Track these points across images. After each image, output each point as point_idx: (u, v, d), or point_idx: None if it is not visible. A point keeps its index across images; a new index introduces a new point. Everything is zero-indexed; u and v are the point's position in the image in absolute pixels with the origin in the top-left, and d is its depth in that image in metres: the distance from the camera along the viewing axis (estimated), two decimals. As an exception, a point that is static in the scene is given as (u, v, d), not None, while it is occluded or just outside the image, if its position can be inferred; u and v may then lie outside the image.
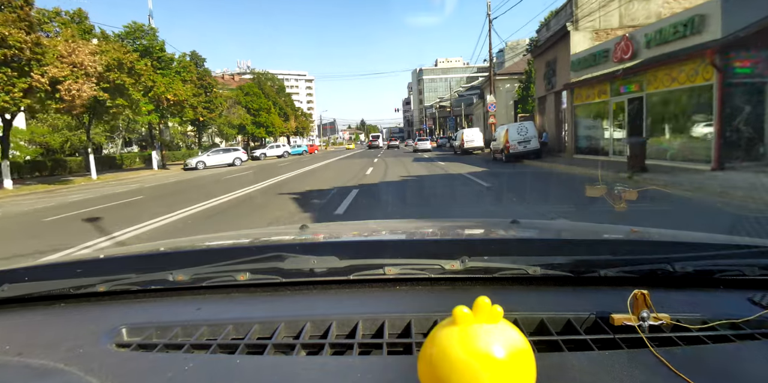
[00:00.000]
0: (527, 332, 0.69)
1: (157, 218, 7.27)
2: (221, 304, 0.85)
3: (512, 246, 1.04)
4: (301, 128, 59.35)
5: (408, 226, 1.76)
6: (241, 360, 0.62)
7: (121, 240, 5.87)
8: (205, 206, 8.63)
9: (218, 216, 7.55)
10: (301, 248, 0.97)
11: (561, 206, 6.68)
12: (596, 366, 0.58)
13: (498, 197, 8.60)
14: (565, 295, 0.82)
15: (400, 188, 10.84)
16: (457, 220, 2.27)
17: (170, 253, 1.18)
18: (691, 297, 0.80)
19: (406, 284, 0.88)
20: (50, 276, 0.91)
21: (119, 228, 6.57)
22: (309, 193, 10.15)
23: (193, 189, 13.46)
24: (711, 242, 1.06)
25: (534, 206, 7.03)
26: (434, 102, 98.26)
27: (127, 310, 0.85)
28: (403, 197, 9.27)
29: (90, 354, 0.66)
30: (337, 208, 7.53)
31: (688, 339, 0.65)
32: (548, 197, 8.04)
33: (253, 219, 7.28)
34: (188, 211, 8.05)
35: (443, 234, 1.43)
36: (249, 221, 7.10)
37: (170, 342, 0.70)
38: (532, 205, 7.11)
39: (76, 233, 6.63)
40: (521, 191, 9.13)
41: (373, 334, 0.71)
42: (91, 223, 7.61)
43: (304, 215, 7.16)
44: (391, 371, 0.59)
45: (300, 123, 59.28)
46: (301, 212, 7.43)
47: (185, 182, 17.19)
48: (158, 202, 10.30)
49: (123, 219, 7.43)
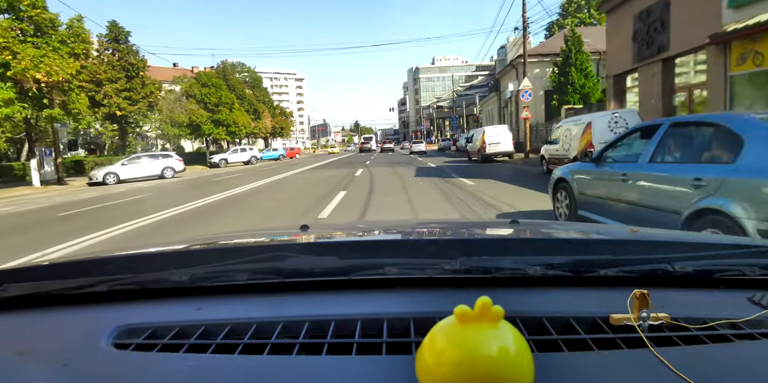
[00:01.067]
0: (527, 332, 0.68)
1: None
2: (221, 304, 0.84)
3: (512, 246, 1.03)
4: (279, 129, 50.91)
5: (408, 226, 1.79)
6: (240, 360, 0.62)
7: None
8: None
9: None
10: (301, 248, 0.98)
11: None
12: (596, 366, 0.57)
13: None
14: (565, 295, 0.82)
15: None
16: (456, 220, 2.41)
17: (170, 253, 1.15)
18: (691, 296, 0.80)
19: (405, 285, 0.87)
20: (50, 276, 0.90)
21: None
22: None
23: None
24: (711, 242, 1.07)
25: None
26: (432, 102, 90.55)
27: (127, 310, 0.83)
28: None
29: (90, 354, 0.66)
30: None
31: (688, 339, 0.65)
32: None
33: None
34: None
35: (443, 234, 1.41)
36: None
37: (170, 342, 0.69)
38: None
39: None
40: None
41: (372, 334, 0.71)
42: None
43: None
44: (390, 371, 0.58)
45: (279, 123, 50.94)
46: None
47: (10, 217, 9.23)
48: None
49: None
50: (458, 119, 63.83)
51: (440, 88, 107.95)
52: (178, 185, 16.06)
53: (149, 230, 6.55)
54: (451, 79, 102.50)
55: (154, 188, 15.27)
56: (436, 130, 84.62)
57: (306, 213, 7.34)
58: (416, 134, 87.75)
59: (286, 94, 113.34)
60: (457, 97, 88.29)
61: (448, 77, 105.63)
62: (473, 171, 14.11)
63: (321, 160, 31.92)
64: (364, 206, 7.93)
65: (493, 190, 9.00)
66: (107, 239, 6.06)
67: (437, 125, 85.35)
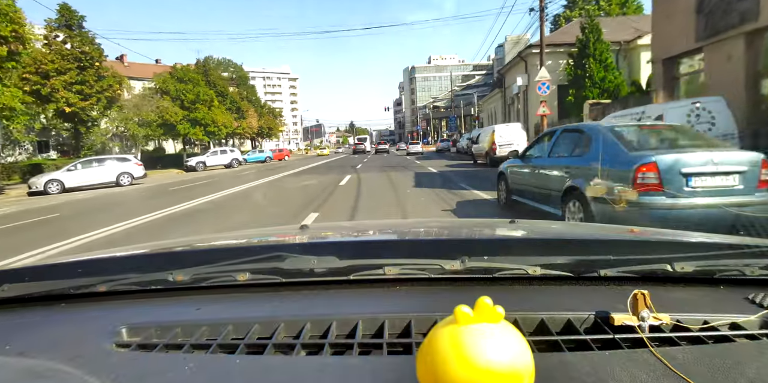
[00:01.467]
0: (527, 332, 0.68)
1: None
2: (221, 304, 0.84)
3: (512, 246, 1.03)
4: (267, 129, 47.77)
5: (408, 226, 1.78)
6: (241, 360, 0.62)
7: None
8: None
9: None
10: (301, 248, 0.97)
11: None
12: (596, 366, 0.58)
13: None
14: (565, 295, 0.82)
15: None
16: (456, 220, 2.24)
17: (170, 253, 1.15)
18: (691, 297, 0.80)
19: (406, 285, 0.87)
20: (50, 276, 0.90)
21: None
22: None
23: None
24: (711, 242, 1.06)
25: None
26: (428, 102, 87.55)
27: (127, 310, 0.84)
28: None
29: (90, 354, 0.66)
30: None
31: (689, 339, 0.65)
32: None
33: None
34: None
35: (443, 234, 1.41)
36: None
37: (170, 342, 0.69)
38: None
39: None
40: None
41: (373, 334, 0.71)
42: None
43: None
44: (391, 371, 0.58)
45: (267, 122, 47.85)
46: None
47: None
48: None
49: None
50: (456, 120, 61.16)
51: (437, 87, 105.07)
52: (125, 197, 13.11)
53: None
54: (448, 79, 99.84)
55: (88, 202, 12.28)
56: (433, 131, 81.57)
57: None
58: (412, 135, 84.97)
59: (279, 95, 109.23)
60: (454, 96, 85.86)
61: (444, 77, 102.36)
62: (484, 179, 11.13)
63: (309, 163, 28.96)
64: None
65: (528, 212, 6.02)
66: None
67: (434, 126, 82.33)
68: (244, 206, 9.22)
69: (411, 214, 6.77)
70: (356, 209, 7.65)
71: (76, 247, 5.66)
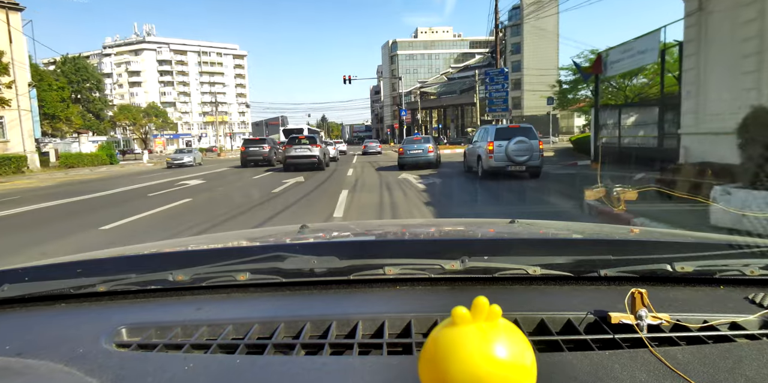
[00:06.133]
0: (527, 332, 0.69)
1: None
2: (221, 304, 0.85)
3: (512, 246, 1.03)
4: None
5: (408, 226, 1.77)
6: (241, 360, 0.63)
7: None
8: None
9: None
10: (301, 248, 0.97)
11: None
12: (596, 366, 0.58)
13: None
14: (565, 295, 0.82)
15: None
16: (456, 220, 2.27)
17: (170, 253, 1.16)
18: (691, 296, 0.81)
19: (406, 285, 0.88)
20: (50, 276, 0.90)
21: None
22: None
23: None
24: (711, 242, 1.06)
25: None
26: (414, 87, 68.69)
27: (127, 310, 0.84)
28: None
29: (90, 354, 0.66)
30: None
31: (689, 339, 0.66)
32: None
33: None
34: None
35: (443, 234, 1.42)
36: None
37: (170, 342, 0.70)
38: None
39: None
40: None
41: (373, 334, 0.72)
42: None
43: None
44: (391, 371, 0.59)
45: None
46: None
47: None
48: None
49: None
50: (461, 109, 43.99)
51: (425, 69, 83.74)
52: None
53: None
54: (438, 58, 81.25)
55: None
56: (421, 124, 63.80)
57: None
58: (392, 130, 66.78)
59: (221, 75, 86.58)
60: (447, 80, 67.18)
61: (435, 55, 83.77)
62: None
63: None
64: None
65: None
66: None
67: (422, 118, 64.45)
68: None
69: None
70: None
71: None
